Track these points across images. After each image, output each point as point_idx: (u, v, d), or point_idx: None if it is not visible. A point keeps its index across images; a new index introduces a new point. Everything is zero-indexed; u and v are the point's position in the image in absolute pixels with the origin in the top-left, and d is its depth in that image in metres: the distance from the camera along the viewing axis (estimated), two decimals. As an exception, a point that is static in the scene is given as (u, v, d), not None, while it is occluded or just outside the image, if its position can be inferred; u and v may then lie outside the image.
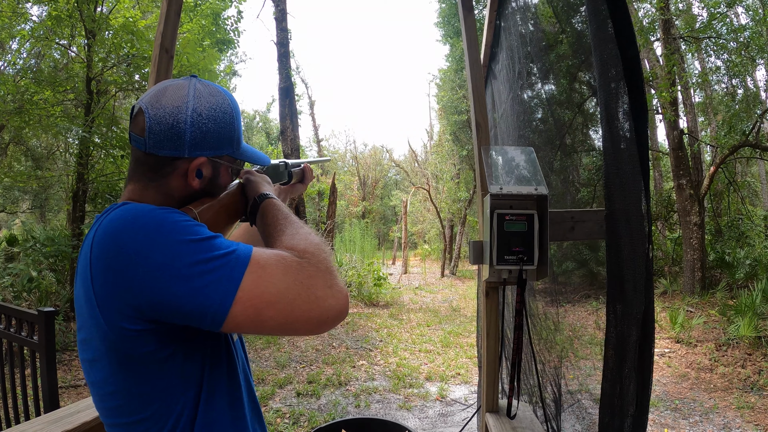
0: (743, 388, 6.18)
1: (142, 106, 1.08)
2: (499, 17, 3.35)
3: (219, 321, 0.89)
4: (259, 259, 0.92)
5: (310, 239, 1.03)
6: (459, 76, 19.40)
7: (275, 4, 14.64)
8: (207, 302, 0.87)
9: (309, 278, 0.93)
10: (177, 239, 0.91)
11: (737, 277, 10.23)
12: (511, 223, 1.97)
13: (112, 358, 0.96)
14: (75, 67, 9.28)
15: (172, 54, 2.48)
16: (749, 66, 12.17)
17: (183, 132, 1.08)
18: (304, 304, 0.91)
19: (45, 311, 2.91)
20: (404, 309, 12.58)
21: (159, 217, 0.95)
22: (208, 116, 1.11)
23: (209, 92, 1.14)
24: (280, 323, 0.91)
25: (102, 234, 0.96)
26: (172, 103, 1.08)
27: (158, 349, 0.96)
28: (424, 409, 5.72)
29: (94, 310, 0.95)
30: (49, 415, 2.02)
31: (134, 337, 0.93)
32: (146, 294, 0.89)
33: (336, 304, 0.94)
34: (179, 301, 0.88)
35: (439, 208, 23.82)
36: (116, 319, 0.92)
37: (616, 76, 1.53)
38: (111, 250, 0.92)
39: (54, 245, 8.63)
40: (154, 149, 1.08)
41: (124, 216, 0.96)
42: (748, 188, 17.77)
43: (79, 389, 6.04)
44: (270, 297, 0.89)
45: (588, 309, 8.53)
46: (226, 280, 0.88)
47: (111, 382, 0.99)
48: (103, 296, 0.93)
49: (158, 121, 1.06)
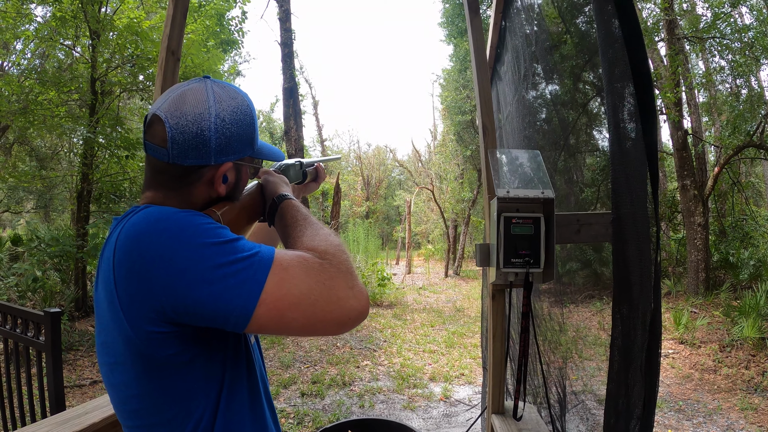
0: (747, 390, 6.17)
1: (161, 115, 1.05)
2: (504, 17, 3.35)
3: (243, 323, 0.90)
4: (282, 261, 0.93)
5: (330, 240, 1.03)
6: (463, 77, 19.38)
7: (279, 4, 14.65)
8: (231, 304, 0.88)
9: (330, 279, 0.94)
10: (200, 242, 0.91)
11: (741, 277, 10.20)
12: (518, 227, 1.98)
13: (136, 361, 0.96)
14: (79, 68, 9.31)
15: (178, 56, 2.49)
16: (753, 66, 12.12)
17: (208, 140, 1.06)
18: (327, 305, 0.92)
19: (51, 312, 2.92)
20: (408, 309, 12.59)
21: (182, 220, 0.95)
22: (231, 120, 1.10)
23: (228, 95, 1.12)
24: (302, 324, 0.92)
25: (125, 237, 0.96)
26: (194, 111, 1.06)
27: (181, 352, 0.97)
28: (428, 410, 5.72)
29: (117, 314, 0.95)
30: (57, 417, 2.03)
31: (158, 340, 0.94)
32: (170, 297, 0.89)
33: (357, 304, 0.95)
34: (203, 303, 0.88)
35: (443, 208, 23.80)
36: (140, 322, 0.92)
37: (622, 76, 1.52)
38: (134, 254, 0.92)
39: (59, 245, 8.65)
40: (178, 159, 1.06)
41: (147, 219, 0.96)
42: (752, 188, 17.71)
43: (84, 389, 6.07)
44: (293, 298, 0.90)
45: (592, 309, 8.52)
46: (250, 282, 0.89)
47: (133, 385, 0.99)
48: (127, 300, 0.93)
49: (181, 131, 1.04)
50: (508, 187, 2.03)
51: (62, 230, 10.52)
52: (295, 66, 15.11)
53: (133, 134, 9.31)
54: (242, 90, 1.18)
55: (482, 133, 2.34)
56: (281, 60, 14.69)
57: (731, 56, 12.25)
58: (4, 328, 3.23)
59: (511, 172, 2.20)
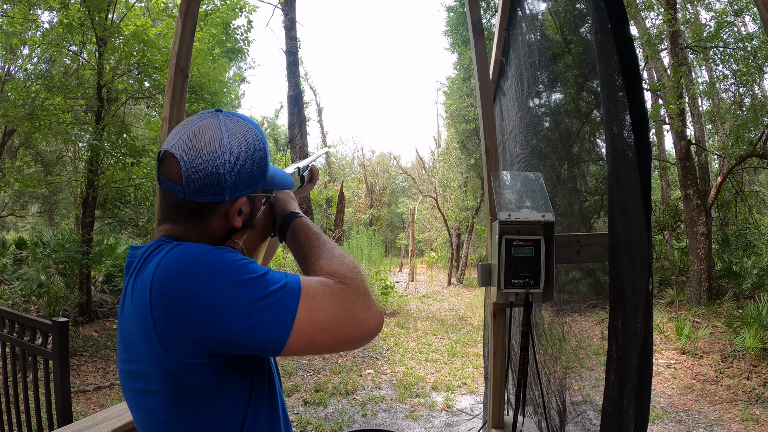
0: (748, 401, 6.18)
1: (176, 154, 1.08)
2: (508, 28, 3.39)
3: (278, 350, 0.97)
4: (309, 290, 0.99)
5: (347, 263, 1.11)
6: (467, 85, 19.40)
7: (284, 13, 14.73)
8: (267, 336, 0.95)
9: (352, 303, 1.02)
10: (236, 280, 0.96)
11: (744, 287, 10.20)
12: (519, 248, 2.02)
13: (172, 389, 1.00)
14: (86, 74, 9.36)
15: (186, 73, 2.52)
16: (757, 75, 12.14)
17: (223, 178, 1.09)
18: (350, 326, 1.00)
19: (59, 321, 2.96)
20: (411, 317, 12.61)
21: (216, 259, 0.99)
22: (245, 158, 1.12)
23: (241, 131, 1.14)
24: (329, 345, 1.01)
25: (161, 277, 0.99)
26: (209, 149, 1.08)
27: (215, 379, 1.01)
28: (430, 419, 5.74)
29: (155, 348, 0.98)
30: (67, 428, 2.06)
31: (195, 370, 0.98)
32: (211, 333, 0.94)
33: (375, 323, 1.04)
34: (242, 337, 0.94)
35: (447, 216, 23.82)
36: (180, 356, 0.97)
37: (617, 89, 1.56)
38: (174, 294, 0.96)
39: (64, 251, 8.68)
40: (193, 196, 1.09)
41: (182, 259, 1.00)
42: (755, 197, 17.68)
43: (89, 394, 6.10)
44: (321, 324, 0.98)
45: (594, 319, 8.54)
46: (284, 313, 0.95)
47: (166, 411, 1.03)
48: (166, 337, 0.97)
49: (196, 170, 1.07)
50: (509, 210, 2.06)
51: (67, 235, 10.56)
52: (300, 73, 15.17)
53: (138, 141, 9.35)
54: (253, 122, 1.21)
55: (485, 155, 2.38)
56: (286, 68, 14.76)
57: (735, 65, 12.27)
58: (12, 335, 3.27)
59: (513, 195, 2.24)
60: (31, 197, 15.93)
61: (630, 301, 1.42)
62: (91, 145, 8.65)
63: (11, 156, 12.80)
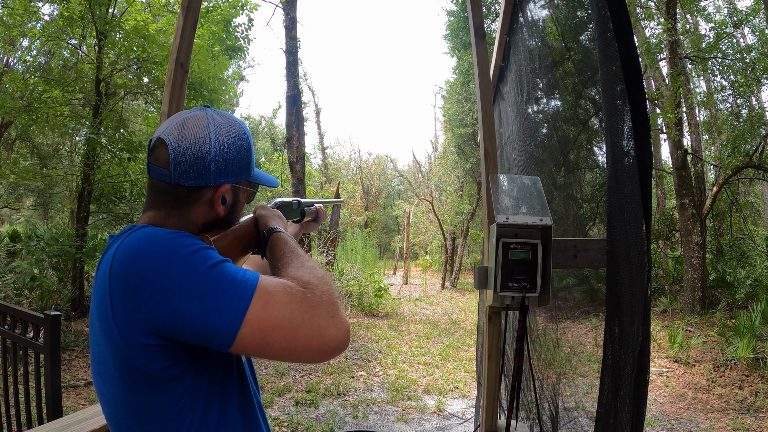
0: (740, 410, 6.18)
1: (165, 138, 1.13)
2: (509, 33, 3.39)
3: (228, 342, 0.94)
4: (267, 286, 0.98)
5: (314, 272, 1.08)
6: (465, 89, 19.43)
7: (285, 12, 14.71)
8: (218, 322, 0.93)
9: (312, 307, 0.98)
10: (193, 261, 0.97)
11: (737, 297, 10.24)
12: (516, 252, 2.02)
13: (124, 373, 1.00)
14: (84, 68, 9.34)
15: (187, 69, 2.52)
16: (754, 86, 12.21)
17: (208, 162, 1.14)
18: (308, 330, 0.96)
19: (51, 315, 2.94)
20: (404, 320, 12.59)
21: (176, 241, 1.01)
22: (229, 145, 1.18)
23: (226, 122, 1.20)
24: (284, 347, 0.96)
25: (122, 254, 1.01)
26: (195, 134, 1.14)
27: (170, 367, 1.00)
28: (422, 422, 5.73)
29: (110, 325, 0.99)
30: (57, 422, 2.05)
31: (149, 353, 0.97)
32: (162, 310, 0.94)
33: (337, 333, 0.99)
34: (192, 319, 0.93)
35: (442, 220, 23.81)
36: (133, 334, 0.96)
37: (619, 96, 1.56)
38: (131, 268, 0.97)
39: (58, 245, 8.66)
40: (180, 180, 1.13)
41: (145, 237, 1.02)
42: (750, 208, 17.78)
43: (79, 389, 6.07)
44: (276, 321, 0.94)
45: (587, 326, 8.54)
46: (237, 302, 0.93)
47: (122, 395, 1.03)
48: (121, 312, 0.97)
49: (183, 153, 1.12)
50: (507, 213, 2.07)
51: (61, 229, 10.53)
52: (299, 73, 15.15)
53: (135, 137, 9.34)
54: (241, 120, 1.27)
55: (484, 158, 2.38)
56: (285, 68, 14.71)
57: (733, 76, 12.34)
58: (3, 328, 3.25)
59: (511, 198, 2.24)
60: (27, 190, 15.91)
61: (627, 306, 1.42)
62: (88, 139, 8.64)
63: (7, 148, 12.77)
